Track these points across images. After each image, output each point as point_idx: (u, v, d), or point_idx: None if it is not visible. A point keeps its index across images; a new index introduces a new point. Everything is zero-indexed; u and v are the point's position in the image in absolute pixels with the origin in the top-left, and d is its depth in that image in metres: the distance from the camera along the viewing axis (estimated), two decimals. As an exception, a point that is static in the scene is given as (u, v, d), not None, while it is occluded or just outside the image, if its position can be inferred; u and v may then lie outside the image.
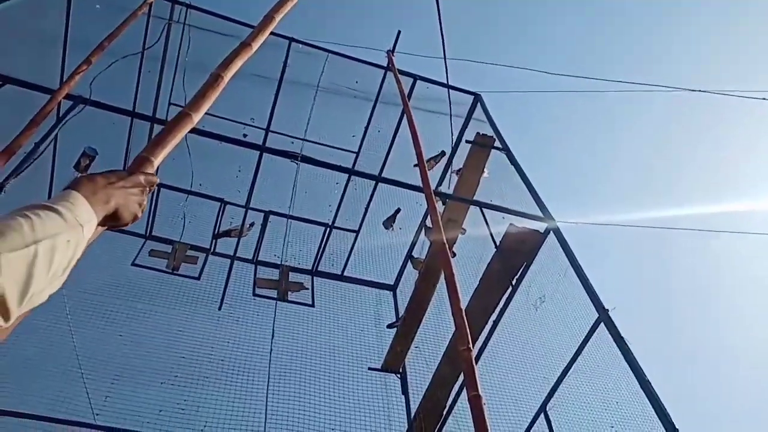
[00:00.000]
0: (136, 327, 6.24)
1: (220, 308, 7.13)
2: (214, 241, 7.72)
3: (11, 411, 5.32)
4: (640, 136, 12.72)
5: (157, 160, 1.34)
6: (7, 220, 0.91)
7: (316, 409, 6.41)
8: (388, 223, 7.69)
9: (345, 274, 8.41)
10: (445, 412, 6.47)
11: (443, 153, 7.62)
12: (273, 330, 5.35)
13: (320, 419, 6.32)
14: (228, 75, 1.74)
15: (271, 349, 5.20)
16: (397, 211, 7.68)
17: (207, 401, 5.75)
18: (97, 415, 5.19)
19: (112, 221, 1.17)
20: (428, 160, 7.56)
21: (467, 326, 3.59)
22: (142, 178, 1.24)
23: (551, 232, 5.67)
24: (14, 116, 4.76)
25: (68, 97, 4.84)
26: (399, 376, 7.51)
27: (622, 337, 4.55)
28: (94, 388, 5.46)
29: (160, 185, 7.35)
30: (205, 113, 1.66)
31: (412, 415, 6.83)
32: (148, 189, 1.26)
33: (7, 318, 0.85)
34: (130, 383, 5.61)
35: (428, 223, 7.62)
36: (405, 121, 7.22)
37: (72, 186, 1.10)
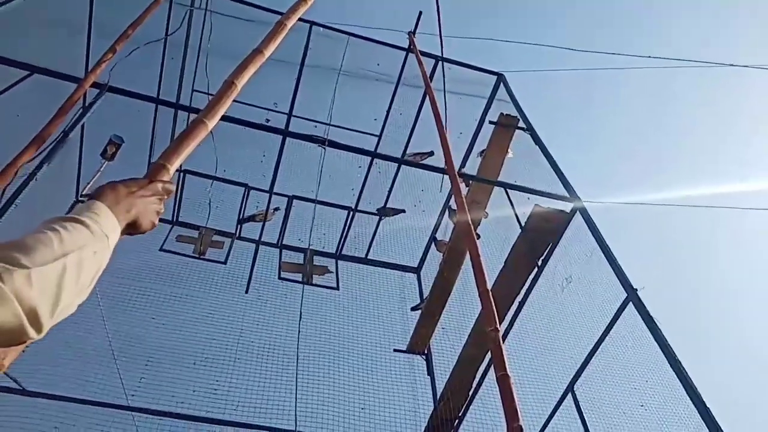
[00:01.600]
0: (165, 310, 6.35)
1: (247, 292, 7.22)
2: (239, 226, 7.80)
3: (46, 393, 5.48)
4: (669, 113, 12.39)
5: (173, 167, 1.37)
6: (36, 234, 0.93)
7: (343, 390, 6.48)
8: (387, 212, 7.70)
9: (369, 257, 8.44)
10: (471, 393, 6.49)
11: (432, 152, 7.65)
12: (300, 312, 5.39)
13: (347, 401, 6.38)
14: (241, 82, 1.77)
15: (299, 331, 5.25)
16: (402, 211, 7.70)
17: (239, 382, 5.85)
18: (132, 395, 5.31)
19: (131, 229, 1.20)
20: (415, 155, 7.56)
21: (494, 307, 3.59)
22: (160, 187, 1.27)
23: (577, 211, 5.61)
24: (42, 105, 4.84)
25: (94, 85, 4.90)
26: (424, 357, 7.55)
27: (651, 317, 4.50)
28: (127, 371, 5.59)
29: (186, 171, 7.44)
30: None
31: (438, 395, 6.87)
32: (165, 197, 1.29)
33: (39, 331, 0.87)
34: (163, 365, 5.72)
35: (452, 205, 7.59)
36: (427, 103, 7.19)
37: (96, 196, 1.13)
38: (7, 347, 0.87)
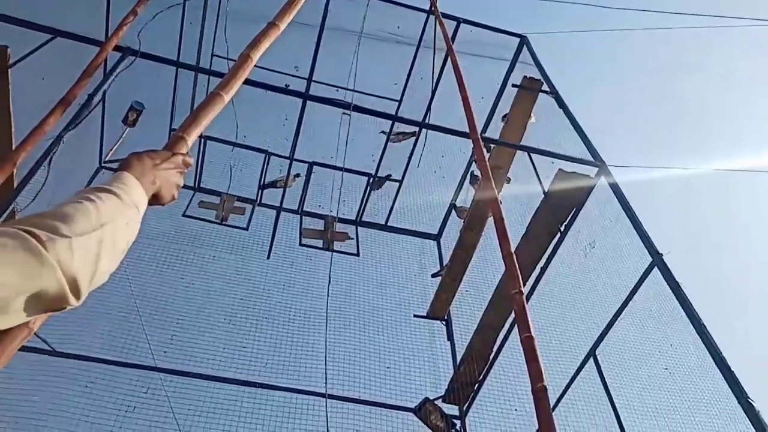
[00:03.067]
0: (190, 273, 6.44)
1: (268, 257, 7.29)
2: (260, 192, 7.83)
3: (76, 354, 5.61)
4: (705, 78, 11.87)
5: (191, 139, 1.41)
6: (75, 204, 0.95)
7: (363, 355, 6.56)
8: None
9: (389, 224, 8.45)
10: (491, 357, 6.54)
11: (414, 133, 7.58)
12: (329, 277, 5.44)
13: (367, 365, 6.47)
14: (257, 55, 1.81)
15: (328, 295, 5.30)
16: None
17: (264, 343, 5.95)
18: (164, 352, 5.43)
19: (153, 201, 1.22)
20: (397, 134, 7.49)
21: (518, 269, 3.58)
22: (180, 160, 1.29)
23: (602, 176, 5.54)
24: (66, 69, 4.85)
25: (117, 48, 4.89)
26: (444, 323, 7.60)
27: (676, 281, 4.47)
28: (152, 332, 5.70)
29: (207, 137, 7.45)
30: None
31: (458, 360, 6.93)
32: (185, 170, 1.31)
33: (78, 298, 0.90)
34: (191, 326, 5.83)
35: (473, 170, 7.53)
36: (447, 66, 7.07)
37: (123, 167, 1.15)
38: (47, 313, 0.89)
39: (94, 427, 4.87)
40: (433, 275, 7.98)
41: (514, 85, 6.61)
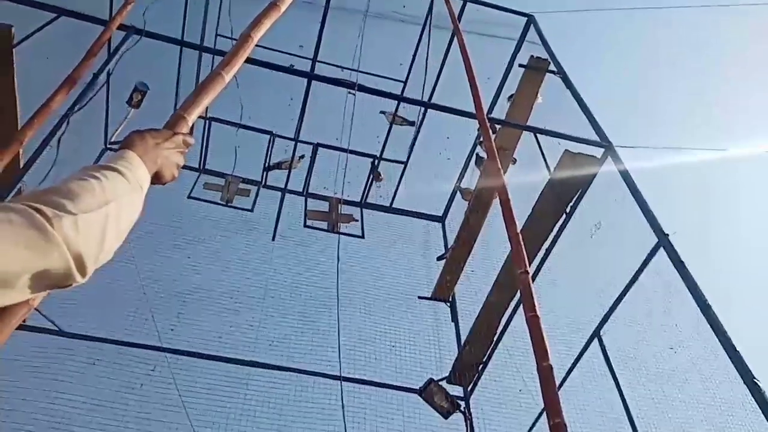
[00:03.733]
0: (196, 253, 6.46)
1: (273, 239, 7.30)
2: (265, 173, 7.82)
3: (82, 335, 5.67)
4: (717, 59, 11.63)
5: (191, 118, 1.41)
6: (80, 182, 0.95)
7: (367, 336, 6.59)
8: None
9: (394, 206, 8.44)
10: (495, 339, 6.56)
11: (414, 122, 7.51)
12: (338, 257, 5.44)
13: (371, 347, 6.50)
14: (257, 35, 1.83)
15: (338, 276, 5.31)
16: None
17: (269, 323, 5.99)
18: (171, 330, 5.46)
19: (154, 180, 1.22)
20: (397, 117, 7.44)
21: (524, 250, 3.58)
22: (181, 139, 1.28)
23: (609, 157, 5.50)
24: (70, 49, 4.83)
25: (121, 27, 4.87)
26: (448, 304, 7.62)
27: (682, 262, 4.45)
28: (160, 313, 5.73)
29: (211, 118, 7.43)
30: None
31: (462, 342, 6.95)
32: (185, 150, 1.30)
33: (84, 275, 0.90)
34: (196, 307, 5.86)
35: (478, 152, 7.50)
36: (453, 46, 7.01)
37: (126, 145, 1.15)
38: (53, 289, 0.89)
39: (101, 403, 4.92)
40: (439, 258, 7.99)
41: (520, 65, 6.55)
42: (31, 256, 0.80)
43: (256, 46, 1.84)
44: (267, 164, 7.75)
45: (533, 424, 5.36)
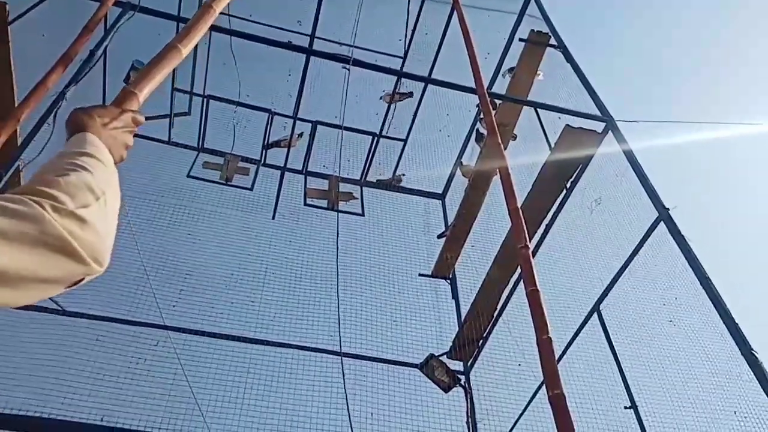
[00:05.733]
0: (197, 231, 6.47)
1: (273, 218, 7.30)
2: (264, 152, 7.79)
3: (86, 313, 5.70)
4: (723, 35, 11.43)
5: (143, 95, 1.30)
6: (77, 174, 0.94)
7: (368, 313, 6.62)
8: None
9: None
10: (495, 314, 6.60)
11: (411, 94, 7.44)
12: (337, 232, 5.45)
13: (372, 323, 6.53)
14: (220, 5, 1.71)
15: (338, 252, 5.33)
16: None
17: (271, 300, 6.02)
18: (173, 307, 5.49)
19: None
20: (394, 93, 7.38)
21: (524, 225, 3.58)
22: (130, 117, 1.20)
23: (610, 131, 5.48)
24: (66, 25, 4.78)
25: (117, 3, 4.82)
26: (449, 281, 7.65)
27: (682, 235, 4.46)
28: (160, 290, 5.76)
29: (209, 96, 7.38)
30: (251, 21, 1.64)
31: (463, 318, 7.00)
32: (135, 129, 1.21)
33: (102, 265, 0.92)
34: (197, 285, 5.88)
35: (478, 128, 7.46)
36: (453, 22, 6.93)
37: (82, 127, 1.08)
38: (75, 285, 0.91)
39: (106, 377, 4.97)
40: (439, 236, 7.99)
41: (521, 39, 6.49)
42: (46, 258, 0.82)
43: (254, 22, 1.77)
44: (266, 142, 7.71)
45: (533, 396, 5.41)
